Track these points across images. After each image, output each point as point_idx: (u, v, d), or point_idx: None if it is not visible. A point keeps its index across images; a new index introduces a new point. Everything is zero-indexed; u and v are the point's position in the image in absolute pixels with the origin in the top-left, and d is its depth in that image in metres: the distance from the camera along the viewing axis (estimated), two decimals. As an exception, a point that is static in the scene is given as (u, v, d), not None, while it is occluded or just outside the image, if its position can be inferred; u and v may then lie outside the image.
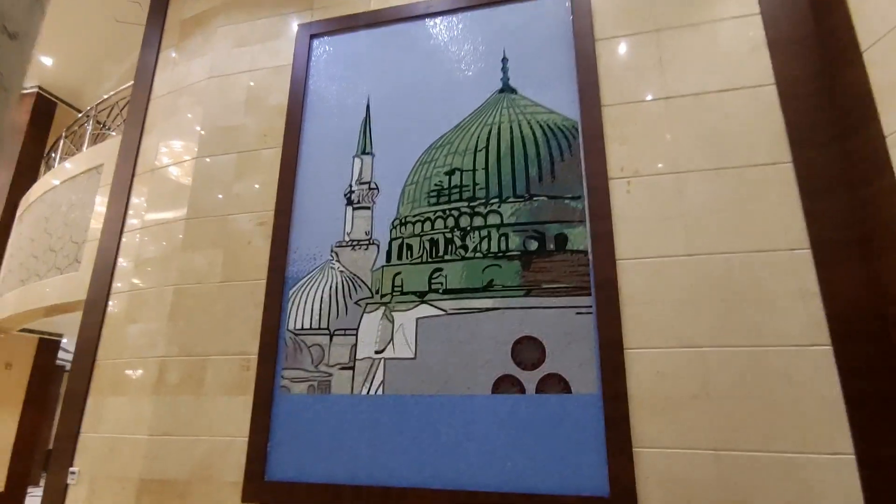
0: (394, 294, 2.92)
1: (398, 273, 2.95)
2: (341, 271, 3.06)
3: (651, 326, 2.45)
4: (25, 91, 6.48)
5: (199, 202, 3.54)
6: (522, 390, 2.54)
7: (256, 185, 3.44)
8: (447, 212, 2.97)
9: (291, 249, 3.20)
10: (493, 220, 2.87)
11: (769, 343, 2.27)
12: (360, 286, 3.00)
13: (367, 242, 3.08)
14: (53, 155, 5.86)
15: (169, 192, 3.72)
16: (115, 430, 3.27)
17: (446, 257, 2.89)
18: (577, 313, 2.58)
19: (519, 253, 2.77)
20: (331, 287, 3.05)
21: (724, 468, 2.19)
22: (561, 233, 2.73)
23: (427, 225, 2.99)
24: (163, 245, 3.57)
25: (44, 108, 6.53)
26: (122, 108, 4.82)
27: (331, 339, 2.95)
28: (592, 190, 2.72)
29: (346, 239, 3.13)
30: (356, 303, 2.97)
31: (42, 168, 5.97)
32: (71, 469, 3.38)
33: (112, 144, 4.55)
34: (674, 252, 2.52)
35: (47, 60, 6.10)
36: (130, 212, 3.89)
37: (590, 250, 2.65)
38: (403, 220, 3.05)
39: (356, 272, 3.03)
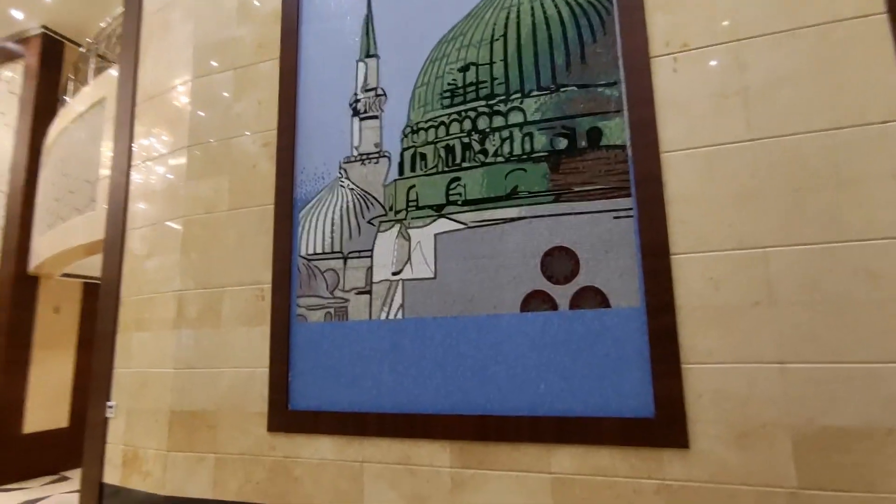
0: (409, 209, 2.64)
1: (412, 186, 2.66)
2: (351, 189, 2.80)
3: (703, 227, 2.09)
4: (32, 33, 6.29)
5: (199, 127, 3.29)
6: (555, 307, 2.27)
7: (257, 103, 3.15)
8: (463, 113, 2.61)
9: (298, 170, 2.95)
10: (516, 118, 2.50)
11: (850, 237, 1.89)
12: (372, 204, 2.74)
13: (377, 155, 2.78)
14: (66, 98, 5.71)
15: (169, 120, 3.49)
16: (144, 365, 3.25)
17: (464, 165, 2.56)
18: (615, 217, 2.24)
19: (546, 154, 2.41)
20: (341, 207, 2.80)
21: (791, 383, 1.89)
22: (594, 127, 2.35)
23: (441, 130, 2.65)
24: (169, 176, 3.39)
25: (51, 48, 6.32)
26: (118, 36, 4.53)
27: (345, 263, 2.74)
28: (631, 72, 2.30)
29: (355, 153, 2.83)
30: (369, 222, 2.72)
31: (58, 110, 5.87)
32: (108, 403, 3.43)
33: (113, 76, 4.31)
34: (731, 138, 2.11)
35: (46, -3, 5.84)
36: (135, 144, 3.70)
37: (629, 144, 2.27)
38: (415, 128, 2.72)
39: (367, 189, 2.76)
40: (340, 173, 2.85)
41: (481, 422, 2.28)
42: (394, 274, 2.61)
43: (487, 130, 2.55)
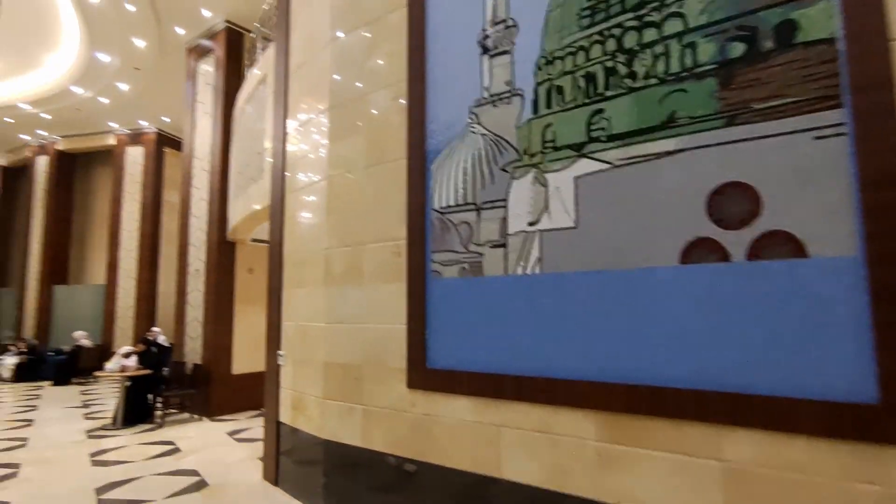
0: (545, 151, 2.34)
1: (548, 125, 2.34)
2: (483, 134, 2.58)
3: (965, 140, 1.45)
4: (218, 28, 7.13)
5: (337, 89, 3.34)
6: (725, 257, 1.81)
7: (387, 56, 3.06)
8: (606, 32, 2.19)
9: (429, 120, 2.81)
10: (673, 27, 2.02)
11: None
12: (505, 149, 2.49)
13: (508, 95, 2.50)
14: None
15: (313, 86, 3.61)
16: (303, 319, 3.49)
17: (608, 94, 2.16)
18: (817, 138, 1.68)
19: (714, 66, 1.90)
20: (473, 155, 2.60)
21: None
22: (786, 19, 1.77)
23: (580, 56, 2.27)
24: (315, 139, 3.52)
25: (234, 39, 7.10)
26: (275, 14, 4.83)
27: (478, 215, 2.55)
28: (845, -66, 1.66)
29: (485, 95, 2.59)
30: (503, 169, 2.48)
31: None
32: (279, 352, 3.78)
33: (271, 54, 4.63)
34: None
35: (224, -9, 6.54)
36: (288, 113, 3.93)
37: (840, 36, 1.67)
38: (550, 58, 2.37)
39: (500, 132, 2.51)
40: (471, 118, 2.64)
41: (632, 392, 1.95)
42: (530, 224, 2.35)
43: (636, 48, 2.10)
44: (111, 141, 12.07)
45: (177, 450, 4.85)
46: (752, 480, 1.68)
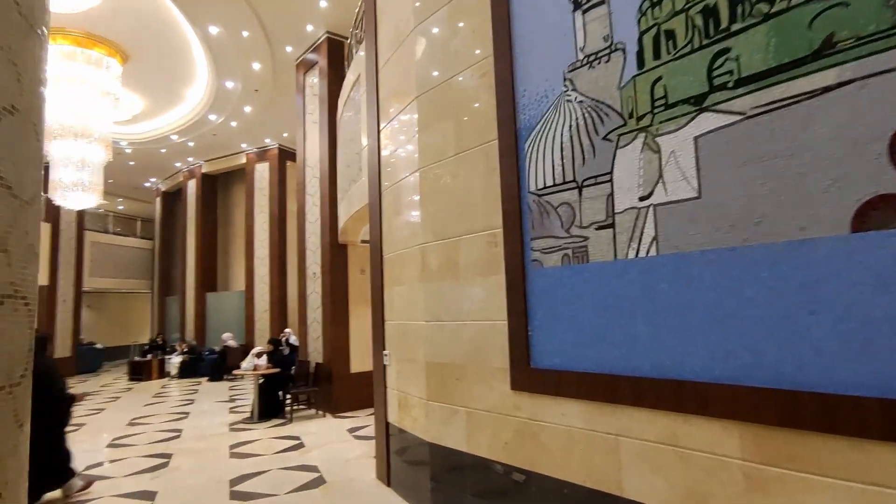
0: (655, 111, 1.96)
1: (658, 79, 1.96)
2: (580, 101, 2.25)
3: None
4: (321, 40, 7.44)
5: (424, 76, 3.19)
6: (923, 218, 1.33)
7: (471, 32, 2.84)
8: (728, -49, 1.77)
9: (519, 93, 2.54)
10: (823, -76, 1.55)
11: None
12: (606, 115, 2.14)
13: (607, 51, 2.15)
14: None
15: (400, 77, 3.50)
16: (403, 318, 3.40)
17: (734, 27, 1.74)
18: None
19: (890, -38, 1.42)
20: (570, 126, 2.29)
21: None
22: None
23: (695, -12, 1.86)
24: (405, 131, 3.41)
25: (335, 48, 7.37)
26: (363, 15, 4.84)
27: (580, 194, 2.23)
28: None
29: (580, 57, 2.26)
30: (605, 138, 2.14)
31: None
32: (384, 352, 3.74)
33: (362, 56, 4.64)
34: None
35: (323, 3, 6.77)
36: (380, 109, 3.88)
37: None
38: (656, -2, 1.99)
39: (599, 97, 2.17)
40: (566, 86, 2.32)
41: (788, 399, 1.53)
42: (641, 199, 1.99)
43: (771, -38, 1.66)
44: (243, 160, 13.30)
45: (301, 445, 5.08)
46: None
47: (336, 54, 7.37)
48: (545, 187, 2.39)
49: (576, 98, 2.27)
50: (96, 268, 16.42)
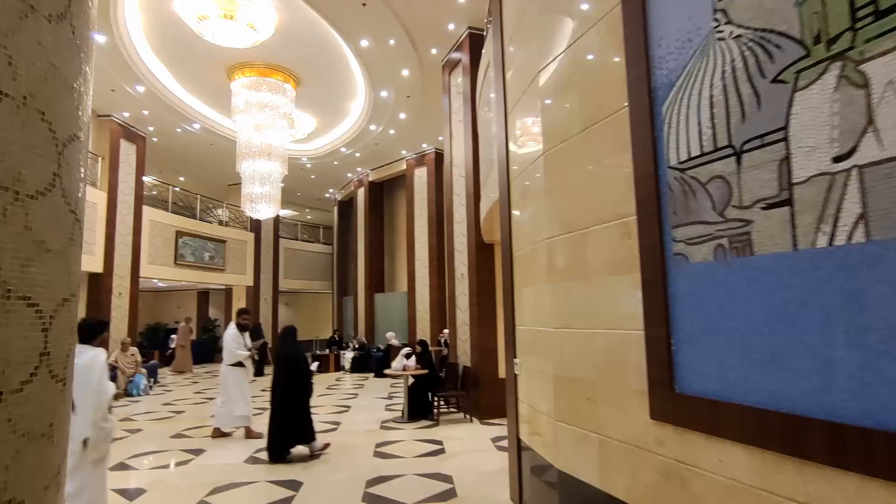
0: (858, 26, 1.32)
1: (860, -22, 1.31)
2: (737, 37, 1.66)
3: None
4: (462, 37, 7.34)
5: (547, 46, 2.78)
6: None
7: (596, -19, 2.36)
8: None
9: (653, 45, 2.00)
10: None
11: None
12: (777, 46, 1.53)
13: (776, -42, 1.53)
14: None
15: (524, 53, 3.13)
16: (531, 322, 3.03)
17: None
18: None
19: None
20: (723, 73, 1.70)
21: None
22: None
23: None
24: (529, 112, 3.03)
25: (476, 43, 7.15)
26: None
27: (738, 162, 1.64)
28: None
29: (737, -24, 1.67)
30: (775, 80, 1.53)
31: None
32: (515, 360, 3.39)
33: (490, 39, 4.35)
34: None
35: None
36: (507, 92, 3.55)
37: None
38: None
39: (766, 24, 1.57)
40: (716, 19, 1.74)
41: None
42: (836, 160, 1.36)
43: None
44: (403, 166, 13.99)
45: (442, 451, 4.97)
46: None
47: (477, 49, 7.21)
48: (689, 159, 1.82)
49: (731, 33, 1.68)
50: (289, 270, 18.81)
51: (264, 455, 4.82)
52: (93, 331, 3.35)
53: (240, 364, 6.04)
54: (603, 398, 2.24)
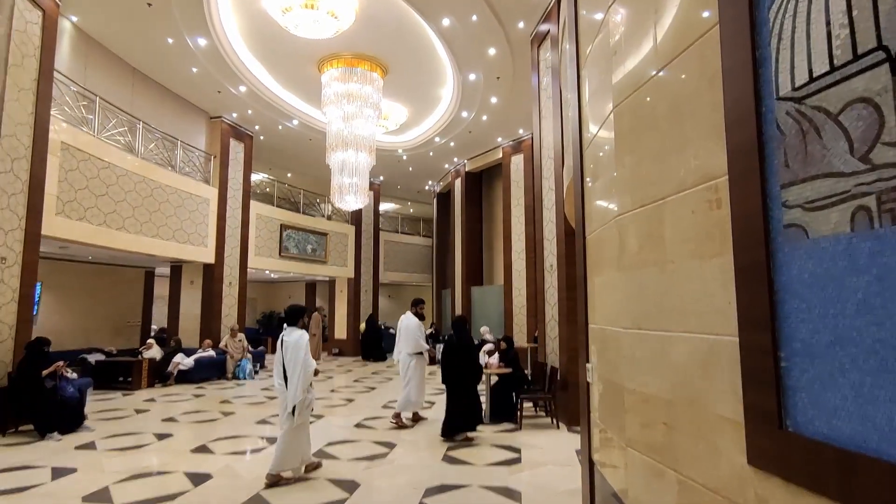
0: None
1: None
2: None
3: None
4: (549, 5, 6.69)
5: (618, -30, 2.20)
6: None
7: None
8: None
9: (756, -74, 1.39)
10: None
11: None
12: None
13: None
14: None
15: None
16: (601, 320, 2.48)
17: None
18: None
19: None
20: (868, -63, 1.08)
21: None
22: None
23: None
24: (601, 65, 2.47)
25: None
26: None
27: (894, 72, 1.02)
28: None
29: None
30: (966, -78, 0.90)
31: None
32: (587, 363, 2.86)
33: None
34: None
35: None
36: (579, 48, 3.00)
37: None
38: None
39: None
40: None
41: None
42: None
43: None
44: (499, 154, 13.52)
45: (517, 460, 4.49)
46: None
47: (568, 17, 6.54)
48: (812, 80, 1.21)
49: None
50: (389, 263, 19.21)
51: (328, 449, 4.74)
52: (297, 314, 4.12)
53: (419, 354, 6.47)
54: (683, 425, 1.67)
